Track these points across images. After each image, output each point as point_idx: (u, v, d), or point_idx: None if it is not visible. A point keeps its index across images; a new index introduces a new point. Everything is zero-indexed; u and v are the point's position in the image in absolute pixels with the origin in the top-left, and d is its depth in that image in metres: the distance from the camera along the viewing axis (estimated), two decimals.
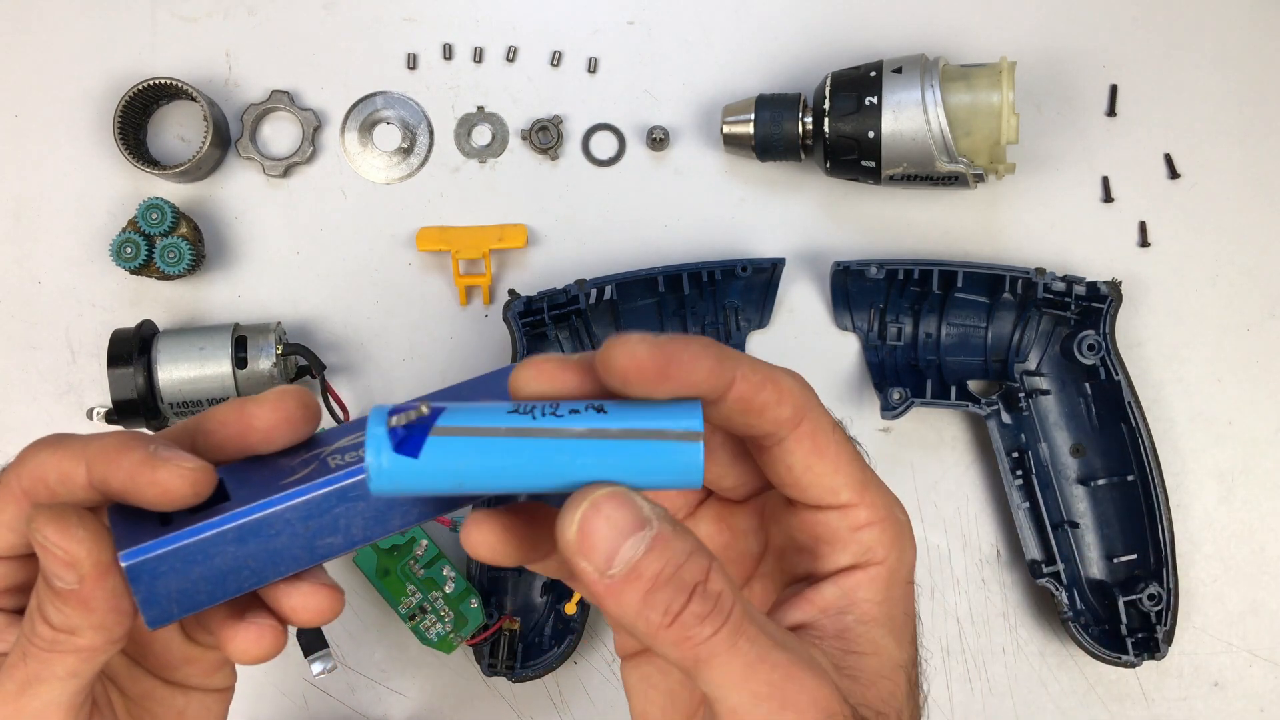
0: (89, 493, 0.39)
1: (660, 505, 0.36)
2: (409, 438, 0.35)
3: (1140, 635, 0.79)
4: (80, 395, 0.85)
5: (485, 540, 0.39)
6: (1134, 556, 0.81)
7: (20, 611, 0.43)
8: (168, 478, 0.37)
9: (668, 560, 0.35)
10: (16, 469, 0.41)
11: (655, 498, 0.37)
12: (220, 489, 0.39)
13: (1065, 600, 0.79)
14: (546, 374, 0.37)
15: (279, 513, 0.38)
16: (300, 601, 0.40)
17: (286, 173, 0.86)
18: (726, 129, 0.83)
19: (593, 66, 0.87)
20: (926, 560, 0.84)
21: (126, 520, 0.39)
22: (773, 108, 0.81)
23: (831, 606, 0.40)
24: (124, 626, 0.39)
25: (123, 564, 0.37)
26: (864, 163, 0.79)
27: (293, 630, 0.73)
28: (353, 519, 0.39)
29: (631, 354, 0.35)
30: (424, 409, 0.35)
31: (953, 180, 0.79)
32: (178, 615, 0.38)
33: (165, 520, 0.38)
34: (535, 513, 0.40)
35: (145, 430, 0.79)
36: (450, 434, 0.35)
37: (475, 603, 0.79)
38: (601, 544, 0.35)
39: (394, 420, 0.34)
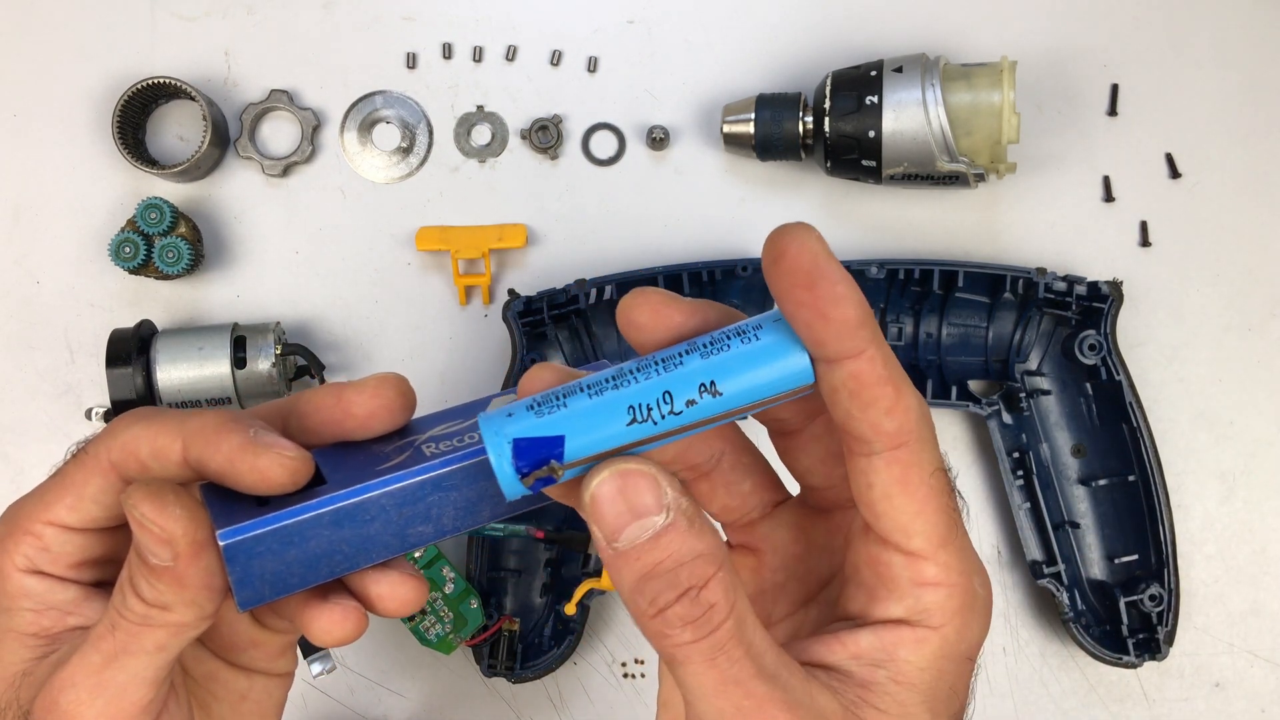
0: (181, 470, 0.39)
1: (691, 501, 0.35)
2: (541, 482, 0.35)
3: (1141, 636, 0.79)
4: (79, 395, 0.85)
5: None
6: (1135, 557, 0.81)
7: (98, 585, 0.42)
8: (268, 465, 0.37)
9: (670, 554, 0.34)
10: (106, 441, 0.40)
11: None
12: (315, 472, 0.39)
13: (1066, 601, 0.79)
14: (652, 306, 0.36)
15: (375, 498, 0.38)
16: (388, 589, 0.40)
17: (285, 172, 0.86)
18: (727, 128, 0.82)
19: (593, 66, 0.87)
20: None
21: (221, 498, 0.38)
22: (773, 107, 0.81)
23: (865, 655, 0.38)
24: (216, 603, 0.38)
25: (221, 543, 0.37)
26: (864, 162, 0.79)
27: None
28: (445, 508, 0.39)
29: (802, 244, 0.34)
30: (555, 469, 0.35)
31: (953, 180, 0.78)
32: (269, 597, 0.38)
33: (261, 501, 0.38)
34: None
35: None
36: (578, 465, 0.35)
37: (475, 603, 0.79)
38: (609, 516, 0.35)
39: (526, 481, 0.35)
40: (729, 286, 0.82)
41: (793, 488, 0.43)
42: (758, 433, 0.41)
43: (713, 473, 0.41)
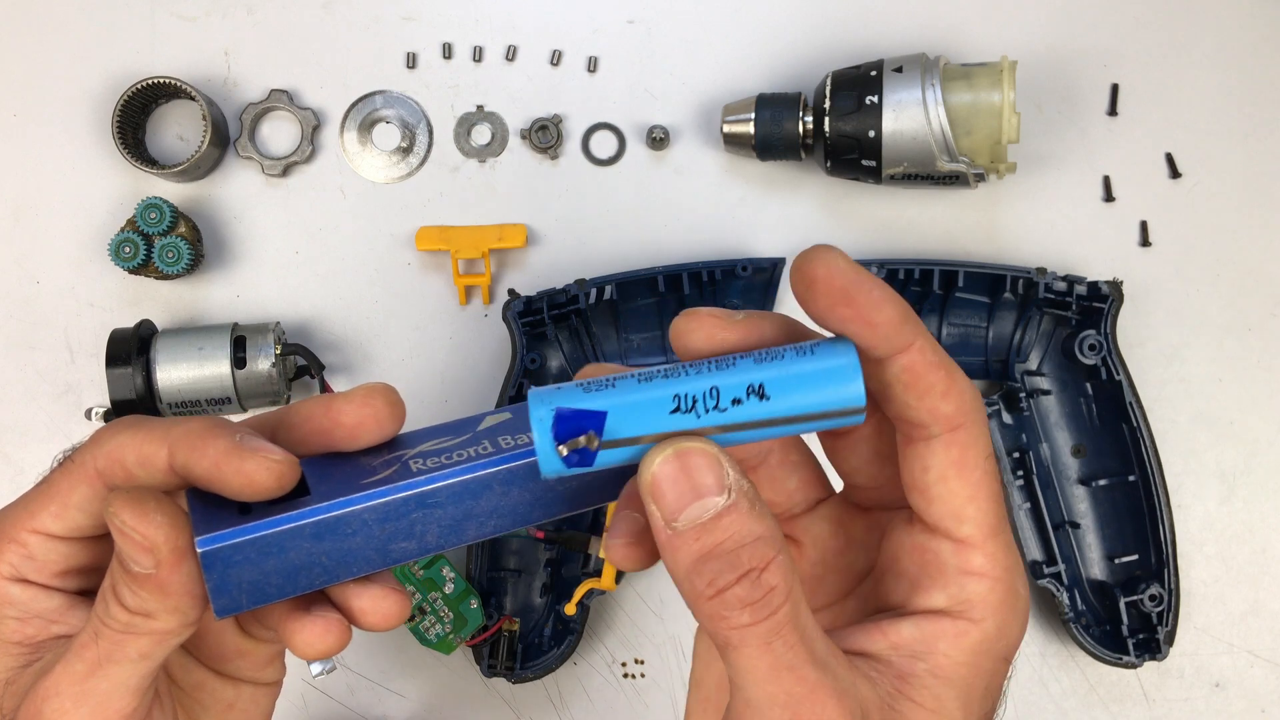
0: (168, 477, 0.39)
1: (751, 483, 0.35)
2: (579, 456, 0.35)
3: (1141, 636, 0.79)
4: (79, 395, 0.85)
5: (629, 556, 0.38)
6: (1135, 557, 0.81)
7: (83, 593, 0.42)
8: (254, 469, 0.37)
9: (731, 535, 0.35)
10: (92, 449, 0.40)
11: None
12: (300, 482, 0.38)
13: (1066, 601, 0.79)
14: (706, 330, 0.37)
15: (357, 512, 0.38)
16: (370, 604, 0.39)
17: (285, 172, 0.86)
18: (727, 128, 0.82)
19: (593, 66, 0.87)
20: None
21: (204, 505, 0.38)
22: (773, 107, 0.81)
23: (904, 645, 0.38)
24: (199, 611, 0.38)
25: (198, 550, 0.37)
26: (864, 162, 0.79)
27: None
28: (429, 526, 0.38)
29: (830, 265, 0.34)
30: (593, 439, 0.35)
31: (953, 180, 0.78)
32: (245, 606, 0.38)
33: (244, 509, 0.38)
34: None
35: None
36: (618, 445, 0.35)
37: (475, 603, 0.79)
38: (670, 494, 0.35)
39: (563, 450, 0.35)
40: (729, 286, 0.82)
41: (836, 484, 0.44)
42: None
43: (760, 467, 0.42)
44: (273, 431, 0.40)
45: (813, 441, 0.42)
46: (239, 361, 0.79)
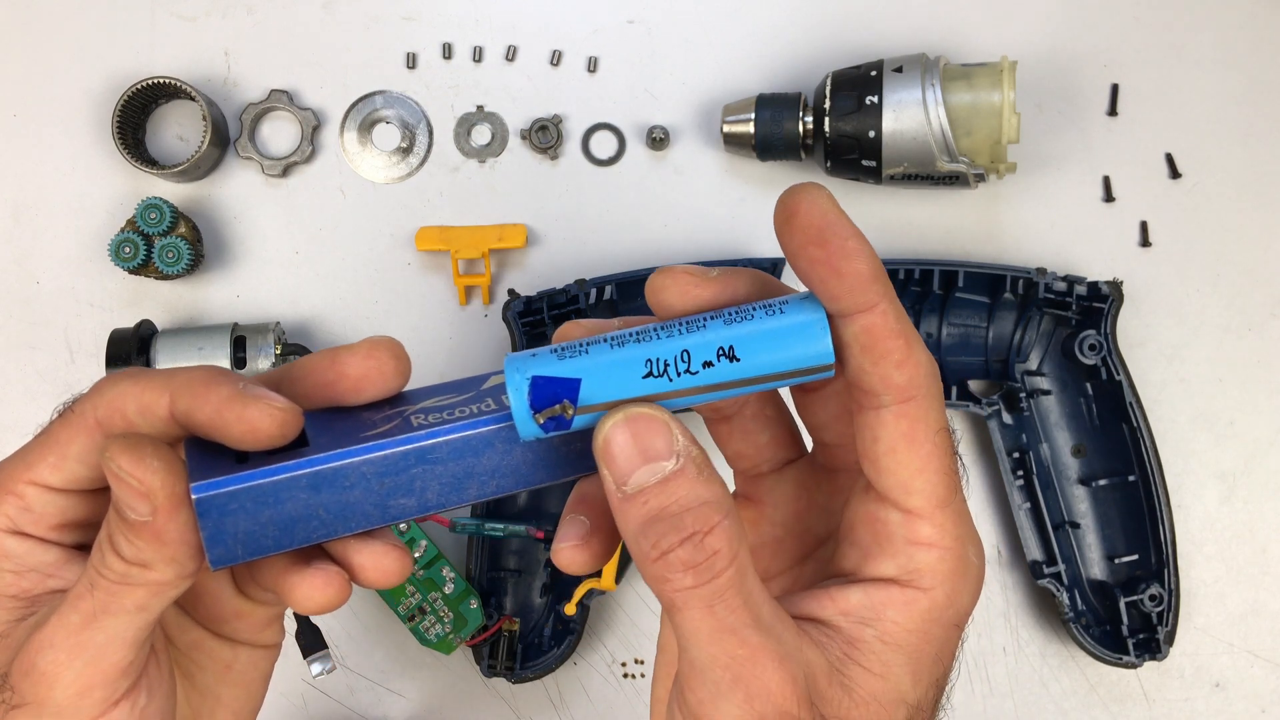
0: (168, 426, 0.39)
1: (701, 450, 0.36)
2: (555, 423, 0.36)
3: (1141, 636, 0.79)
4: None
5: (574, 559, 0.39)
6: (1135, 557, 0.81)
7: (79, 547, 0.42)
8: (257, 415, 0.37)
9: (676, 499, 0.35)
10: (93, 399, 0.39)
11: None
12: (300, 434, 0.38)
13: (1066, 601, 0.79)
14: (680, 287, 0.37)
15: (355, 464, 0.37)
16: (371, 560, 0.39)
17: (285, 172, 0.86)
18: (727, 128, 0.82)
19: (593, 66, 0.87)
20: None
21: (202, 454, 0.38)
22: (773, 107, 0.81)
23: (854, 612, 0.38)
24: (196, 561, 0.38)
25: (193, 496, 0.36)
26: (864, 162, 0.79)
27: (291, 631, 0.73)
28: (429, 482, 0.38)
29: (812, 202, 0.35)
30: (567, 407, 0.36)
31: (953, 180, 0.78)
32: (241, 558, 0.37)
33: (241, 459, 0.38)
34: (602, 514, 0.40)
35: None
36: (592, 410, 0.36)
37: (475, 603, 0.79)
38: (620, 459, 0.35)
39: (539, 418, 0.36)
40: None
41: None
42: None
43: (734, 417, 0.42)
44: (276, 384, 0.40)
45: (789, 399, 0.43)
46: (239, 361, 0.79)
